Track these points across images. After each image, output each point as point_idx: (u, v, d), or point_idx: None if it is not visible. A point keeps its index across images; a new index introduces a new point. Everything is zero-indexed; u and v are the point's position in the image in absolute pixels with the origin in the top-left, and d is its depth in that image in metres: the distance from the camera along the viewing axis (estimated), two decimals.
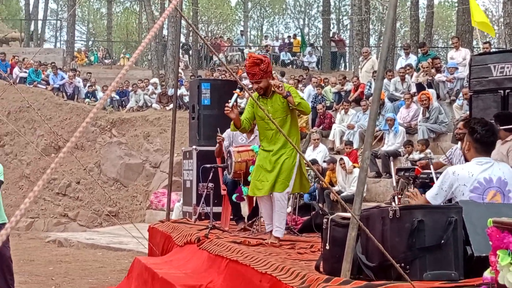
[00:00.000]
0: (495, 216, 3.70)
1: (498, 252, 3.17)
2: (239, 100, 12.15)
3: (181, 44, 29.18)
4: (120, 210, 18.48)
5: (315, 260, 5.17)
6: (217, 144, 8.66)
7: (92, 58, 35.24)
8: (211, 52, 30.22)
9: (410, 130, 14.65)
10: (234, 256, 5.99)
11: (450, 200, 4.84)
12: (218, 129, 8.65)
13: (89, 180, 19.54)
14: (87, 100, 24.19)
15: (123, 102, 24.43)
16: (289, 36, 37.60)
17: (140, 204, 19.77)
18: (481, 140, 4.88)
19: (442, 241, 4.18)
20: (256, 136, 8.73)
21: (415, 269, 4.17)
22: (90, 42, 50.97)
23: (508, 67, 8.99)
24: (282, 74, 24.88)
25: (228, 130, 8.68)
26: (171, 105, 18.73)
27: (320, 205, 12.52)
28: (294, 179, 6.92)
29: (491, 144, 4.93)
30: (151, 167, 20.60)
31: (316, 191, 13.25)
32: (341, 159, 13.51)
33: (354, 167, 13.08)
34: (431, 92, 15.04)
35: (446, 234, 4.19)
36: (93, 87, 24.77)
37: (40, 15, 46.41)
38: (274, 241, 6.85)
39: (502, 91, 9.05)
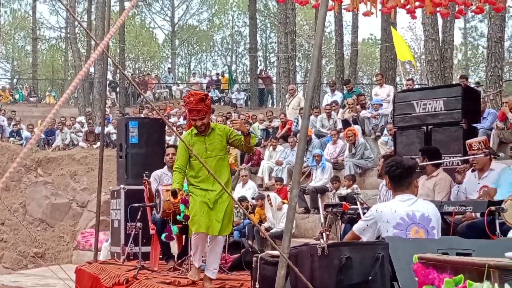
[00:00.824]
0: (420, 251, 3.79)
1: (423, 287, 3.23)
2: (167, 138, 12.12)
3: (108, 82, 29.00)
4: (47, 251, 18.05)
5: None
6: (145, 188, 8.63)
7: (17, 96, 34.59)
8: (137, 90, 30.08)
9: (337, 166, 14.85)
10: None
11: (378, 237, 4.93)
12: (146, 172, 8.61)
13: (14, 221, 19.04)
14: (11, 139, 23.69)
15: (49, 141, 24.01)
16: (217, 73, 37.78)
17: (67, 245, 19.35)
18: (390, 175, 5.06)
19: (370, 277, 4.24)
20: None
21: None
22: (15, 80, 49.99)
23: (430, 104, 9.26)
24: (212, 111, 24.92)
25: (154, 173, 8.67)
26: (98, 143, 18.52)
27: (250, 242, 12.51)
28: None
29: (398, 177, 5.06)
30: (78, 206, 20.23)
31: (246, 228, 13.25)
32: (268, 195, 13.56)
33: (284, 203, 13.15)
34: (357, 128, 15.33)
35: (374, 270, 4.25)
36: (18, 125, 24.29)
37: None
38: (208, 284, 6.83)
39: (425, 127, 9.32)
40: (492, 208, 5.69)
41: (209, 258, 6.92)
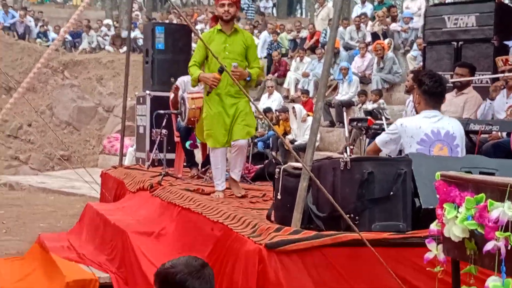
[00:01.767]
0: (443, 168, 3.76)
1: (444, 205, 3.22)
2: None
3: None
4: (73, 154, 18.31)
5: (267, 209, 5.22)
6: (172, 94, 8.60)
7: None
8: None
9: (364, 80, 14.73)
10: (186, 204, 6.00)
11: (400, 152, 4.92)
12: (172, 78, 8.54)
13: (41, 123, 19.24)
14: (38, 40, 23.68)
15: (76, 44, 23.99)
16: None
17: (93, 149, 19.62)
18: (429, 91, 4.95)
19: (391, 193, 4.24)
20: None
21: (364, 220, 4.24)
22: None
23: (462, 19, 9.08)
24: (238, 19, 24.64)
25: (180, 79, 8.61)
26: (125, 48, 18.47)
27: (274, 153, 12.58)
28: None
29: (438, 95, 4.98)
30: (104, 111, 20.40)
31: (270, 139, 13.30)
32: (293, 107, 13.54)
33: (308, 115, 13.13)
34: (386, 41, 15.11)
35: (395, 186, 4.26)
36: (45, 27, 24.25)
37: None
38: (237, 190, 6.67)
39: (455, 43, 9.17)
40: None
41: (233, 161, 6.69)
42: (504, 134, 6.31)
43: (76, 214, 10.94)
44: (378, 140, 5.09)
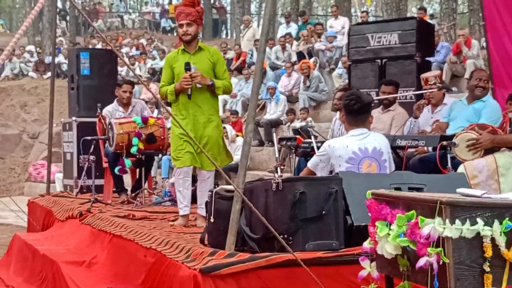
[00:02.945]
0: (373, 186, 3.82)
1: (376, 223, 3.27)
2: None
3: (57, 10, 28.30)
4: None
5: (200, 233, 5.18)
6: (99, 123, 8.52)
7: None
8: (87, 21, 29.56)
9: (292, 99, 14.86)
10: (117, 231, 5.91)
11: (331, 172, 4.98)
12: (99, 104, 8.46)
13: None
14: None
15: None
16: (170, 2, 37.15)
17: (18, 176, 19.15)
18: (347, 109, 5.08)
19: (324, 212, 4.27)
20: (133, 106, 8.65)
21: (297, 239, 4.24)
22: None
23: (385, 37, 9.28)
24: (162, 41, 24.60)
25: (107, 108, 8.56)
26: (49, 74, 18.18)
27: None
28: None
29: (357, 112, 5.08)
30: (29, 138, 19.97)
31: None
32: (224, 127, 13.53)
33: (238, 135, 13.16)
34: (312, 60, 15.31)
35: (327, 204, 4.29)
36: None
37: None
38: (202, 222, 6.10)
39: (379, 61, 9.35)
40: (444, 142, 5.75)
41: (200, 196, 6.29)
42: (430, 148, 6.45)
43: (2, 244, 10.61)
44: (310, 163, 5.17)
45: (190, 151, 6.11)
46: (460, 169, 5.50)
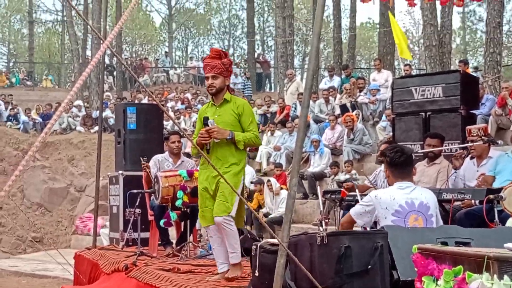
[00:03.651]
0: (419, 240, 3.81)
1: (423, 278, 3.25)
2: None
3: (105, 65, 28.92)
4: (45, 235, 18.07)
5: (245, 286, 5.18)
6: (144, 172, 8.61)
7: (13, 79, 34.47)
8: (133, 77, 30.16)
9: (335, 151, 14.86)
10: (163, 285, 5.94)
11: (375, 224, 4.95)
12: (141, 158, 8.57)
13: (12, 206, 19.03)
14: (8, 123, 23.64)
15: (47, 125, 23.95)
16: None
17: (65, 229, 19.37)
18: (392, 162, 5.05)
19: (369, 266, 4.25)
20: (182, 161, 8.73)
21: None
22: (11, 63, 49.86)
23: (429, 90, 9.28)
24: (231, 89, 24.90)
25: (155, 157, 8.66)
26: (96, 128, 18.52)
27: (249, 227, 12.54)
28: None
29: (402, 165, 5.06)
30: (76, 191, 20.24)
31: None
32: (268, 180, 13.58)
33: (282, 188, 13.17)
34: (355, 113, 15.34)
35: (373, 259, 4.27)
36: (15, 110, 24.23)
37: None
38: (232, 272, 6.07)
39: (423, 113, 9.33)
40: (491, 196, 5.70)
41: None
42: (477, 201, 6.38)
43: None
44: (353, 211, 5.12)
45: (211, 208, 6.07)
46: (509, 223, 5.43)
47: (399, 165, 5.06)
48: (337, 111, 16.40)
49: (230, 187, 5.39)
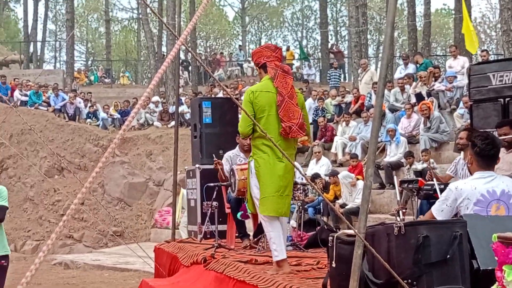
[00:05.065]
0: (499, 229, 3.73)
1: (504, 267, 3.19)
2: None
3: (180, 61, 29.30)
4: (125, 229, 18.49)
5: (322, 277, 5.19)
6: (216, 169, 8.70)
7: (92, 77, 35.32)
8: (208, 72, 30.46)
9: (412, 140, 14.68)
10: (241, 276, 6.00)
11: (455, 215, 4.86)
12: (214, 154, 8.64)
13: (93, 201, 19.55)
14: (88, 120, 24.23)
15: (125, 121, 24.42)
16: (287, 48, 37.68)
17: (145, 223, 19.78)
18: (482, 153, 4.91)
19: (448, 256, 4.18)
20: None
21: (422, 285, 4.17)
22: (90, 62, 51.09)
23: (507, 76, 9.02)
24: None
25: (226, 154, 8.74)
26: (173, 123, 18.78)
27: (325, 219, 12.53)
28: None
29: (492, 157, 4.95)
30: (154, 185, 20.62)
31: (321, 204, 13.25)
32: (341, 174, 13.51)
33: (358, 179, 13.09)
34: (432, 101, 15.10)
35: (452, 248, 4.20)
36: (94, 107, 24.83)
37: (39, 37, 46.55)
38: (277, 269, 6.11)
39: (502, 100, 9.09)
40: None
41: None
42: None
43: None
44: (435, 209, 4.98)
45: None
46: None
47: (488, 157, 4.94)
48: (413, 99, 16.17)
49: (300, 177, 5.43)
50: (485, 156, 4.92)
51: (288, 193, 6.16)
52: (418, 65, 17.88)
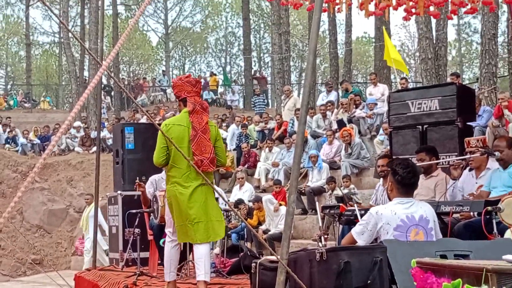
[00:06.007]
0: (418, 254, 3.81)
1: None
2: None
3: (102, 86, 28.98)
4: (45, 257, 18.03)
5: None
6: (140, 192, 8.60)
7: (11, 102, 34.51)
8: (130, 98, 30.23)
9: (334, 166, 14.87)
10: None
11: (376, 240, 4.95)
12: (138, 178, 8.56)
13: (11, 228, 19.02)
14: (7, 146, 23.65)
15: (45, 147, 23.96)
16: (211, 73, 37.78)
17: (65, 251, 19.34)
18: (403, 182, 5.04)
19: (369, 281, 4.25)
20: None
21: None
22: (9, 86, 49.94)
23: (425, 103, 9.27)
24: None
25: (152, 178, 8.67)
26: (94, 148, 18.52)
27: (248, 244, 12.52)
28: None
29: (412, 185, 5.08)
30: (75, 212, 20.22)
31: (244, 230, 13.25)
32: (267, 199, 13.56)
33: (281, 204, 13.15)
34: (354, 127, 15.36)
35: (372, 274, 4.27)
36: (13, 132, 24.25)
37: None
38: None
39: (420, 127, 9.33)
40: (489, 208, 5.70)
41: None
42: (475, 213, 6.38)
43: None
44: (355, 232, 5.10)
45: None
46: (507, 234, 5.43)
47: (409, 185, 5.07)
48: (334, 126, 16.42)
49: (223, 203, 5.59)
50: (405, 184, 5.04)
51: (199, 220, 6.35)
52: (347, 92, 18.16)
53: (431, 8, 9.43)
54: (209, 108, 6.87)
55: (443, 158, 8.19)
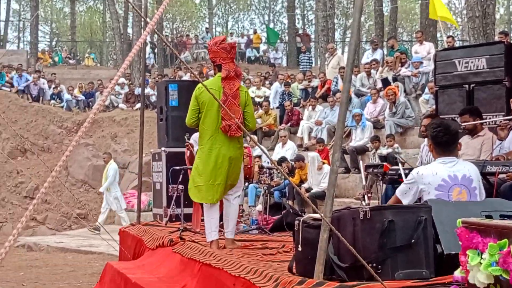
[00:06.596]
0: (463, 214, 3.77)
1: (467, 252, 3.22)
2: None
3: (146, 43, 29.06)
4: (89, 212, 18.34)
5: (288, 261, 5.20)
6: (187, 150, 8.64)
7: (56, 58, 34.86)
8: (174, 53, 30.28)
9: (377, 125, 14.76)
10: (207, 260, 5.99)
11: (419, 200, 4.92)
12: (186, 135, 8.59)
13: (57, 183, 19.33)
14: (52, 101, 23.97)
15: (90, 103, 24.24)
16: (255, 31, 37.60)
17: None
18: (435, 141, 5.02)
19: (413, 240, 4.23)
20: None
21: (386, 268, 4.21)
22: (54, 42, 50.39)
23: (472, 62, 9.11)
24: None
25: (194, 135, 8.69)
26: (138, 105, 18.65)
27: (291, 202, 12.56)
28: None
29: (445, 143, 5.01)
30: (119, 168, 20.47)
31: (286, 188, 13.29)
32: (308, 156, 13.55)
33: (324, 163, 13.13)
34: (399, 85, 15.18)
35: (416, 233, 4.25)
36: (58, 88, 24.54)
37: (2, 16, 45.82)
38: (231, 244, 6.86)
39: (467, 86, 9.17)
40: None
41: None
42: None
43: (95, 272, 10.93)
44: (398, 191, 5.11)
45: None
46: None
47: (442, 144, 5.02)
48: (379, 84, 16.25)
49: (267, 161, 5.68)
50: (438, 143, 5.01)
51: (220, 182, 6.74)
52: (392, 49, 17.91)
53: None
54: (242, 75, 7.07)
55: (489, 118, 8.06)
